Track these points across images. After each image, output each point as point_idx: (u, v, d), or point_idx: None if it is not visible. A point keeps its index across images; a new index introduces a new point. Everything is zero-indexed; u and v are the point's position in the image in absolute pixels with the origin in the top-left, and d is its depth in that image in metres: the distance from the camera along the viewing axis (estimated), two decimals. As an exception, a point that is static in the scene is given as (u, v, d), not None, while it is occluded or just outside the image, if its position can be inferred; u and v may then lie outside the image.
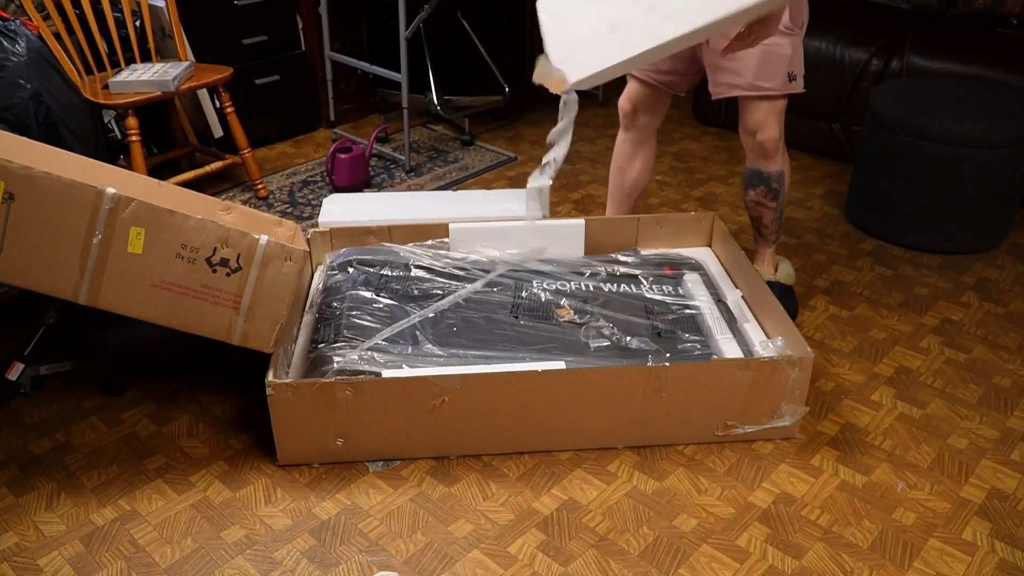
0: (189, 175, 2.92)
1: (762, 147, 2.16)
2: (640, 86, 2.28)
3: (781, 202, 2.27)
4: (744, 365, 1.81)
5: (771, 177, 2.21)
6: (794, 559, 1.63)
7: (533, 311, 2.08)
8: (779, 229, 2.34)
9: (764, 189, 2.23)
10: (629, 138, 2.39)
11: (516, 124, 3.81)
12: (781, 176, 2.22)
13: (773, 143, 2.14)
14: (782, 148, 2.19)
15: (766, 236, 2.34)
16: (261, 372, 1.79)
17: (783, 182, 2.23)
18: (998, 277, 2.60)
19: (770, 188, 2.23)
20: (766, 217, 2.29)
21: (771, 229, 2.32)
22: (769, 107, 2.10)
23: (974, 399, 2.07)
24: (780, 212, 2.29)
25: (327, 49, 3.46)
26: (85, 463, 1.86)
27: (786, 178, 2.23)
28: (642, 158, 2.41)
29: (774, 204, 2.26)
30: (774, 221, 2.31)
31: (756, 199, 2.26)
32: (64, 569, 1.61)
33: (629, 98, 2.32)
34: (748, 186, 2.26)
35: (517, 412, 1.81)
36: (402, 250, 2.26)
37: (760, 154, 2.18)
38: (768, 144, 2.14)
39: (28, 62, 2.28)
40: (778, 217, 2.30)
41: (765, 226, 2.32)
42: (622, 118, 2.37)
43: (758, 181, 2.23)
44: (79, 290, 1.67)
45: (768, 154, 2.17)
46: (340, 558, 1.63)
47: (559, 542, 1.67)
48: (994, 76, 2.97)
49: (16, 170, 1.58)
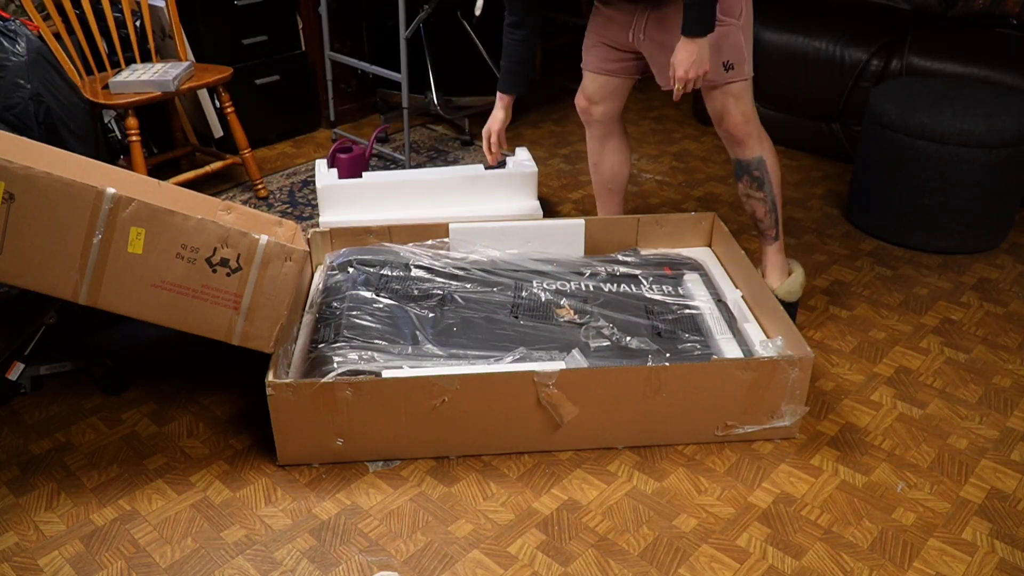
0: (189, 175, 2.92)
1: (729, 134, 2.16)
2: (591, 77, 2.29)
3: (770, 192, 2.22)
4: (744, 365, 1.81)
5: (750, 164, 2.19)
6: (794, 559, 1.63)
7: (533, 311, 2.08)
8: (777, 224, 2.27)
9: (748, 179, 2.22)
10: (593, 134, 2.40)
11: (516, 124, 3.81)
12: (761, 163, 2.19)
13: (739, 127, 2.13)
14: (756, 134, 2.16)
15: (764, 232, 2.30)
16: (261, 372, 1.79)
17: (765, 169, 2.19)
18: (998, 277, 2.60)
19: (752, 177, 2.20)
20: (759, 210, 2.26)
21: (766, 223, 2.28)
22: (722, 94, 2.10)
23: (974, 399, 2.07)
24: (772, 204, 2.24)
25: (327, 49, 3.46)
26: (85, 463, 1.86)
27: (768, 166, 2.19)
28: (611, 149, 2.40)
29: (761, 194, 2.22)
30: (768, 214, 2.26)
31: (744, 191, 2.25)
32: (64, 569, 1.61)
33: (582, 92, 2.34)
34: (736, 179, 2.26)
35: (517, 412, 1.81)
36: (402, 250, 2.26)
37: (731, 141, 2.18)
38: (733, 129, 2.13)
39: (28, 62, 2.28)
40: (771, 209, 2.25)
41: (760, 220, 2.28)
42: (580, 115, 2.38)
43: (741, 171, 2.22)
44: (79, 290, 1.67)
45: (737, 139, 2.16)
46: (340, 558, 1.63)
47: (559, 542, 1.67)
48: (994, 76, 2.97)
49: (16, 170, 1.58)
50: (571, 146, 3.58)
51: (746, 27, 2.08)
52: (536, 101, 4.08)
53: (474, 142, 3.60)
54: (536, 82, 4.34)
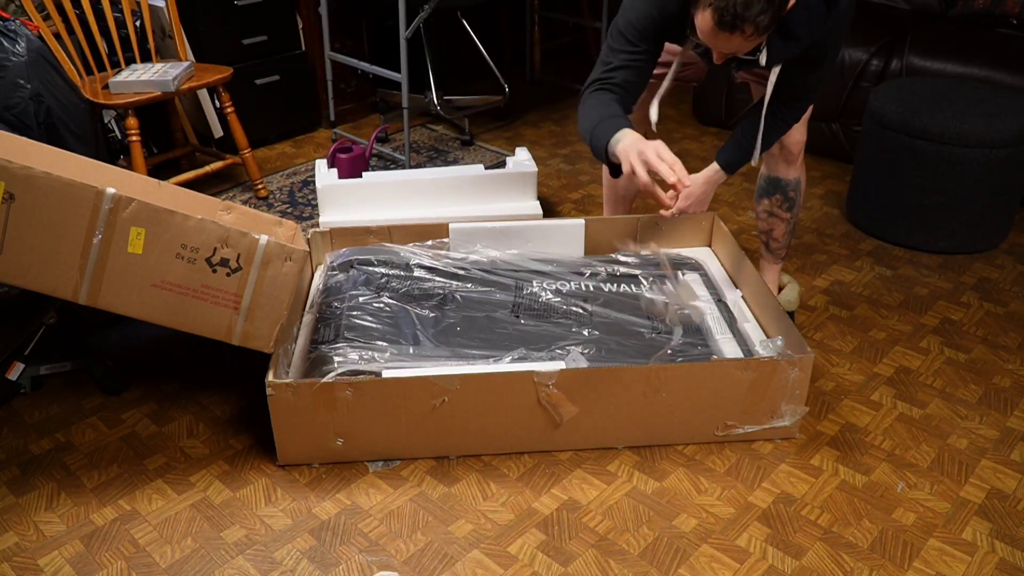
0: (189, 175, 2.92)
1: (788, 151, 2.12)
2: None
3: (795, 215, 2.22)
4: (744, 365, 1.81)
5: (788, 185, 2.17)
6: (794, 559, 1.63)
7: (533, 311, 2.08)
8: (788, 246, 2.27)
9: (780, 198, 2.19)
10: None
11: (516, 124, 3.81)
12: (798, 185, 2.18)
13: (799, 147, 2.10)
14: (803, 157, 2.16)
15: (775, 251, 2.28)
16: (261, 372, 1.79)
17: (799, 192, 2.19)
18: (998, 277, 2.60)
19: (786, 197, 2.19)
20: (777, 230, 2.24)
21: (781, 244, 2.26)
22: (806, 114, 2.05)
23: (974, 399, 2.07)
24: (793, 227, 2.24)
25: (327, 49, 3.46)
26: (85, 463, 1.86)
27: (802, 189, 2.19)
28: None
29: (788, 215, 2.21)
30: (785, 235, 2.24)
31: (770, 209, 2.22)
32: (64, 569, 1.61)
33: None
34: (763, 195, 2.23)
35: (517, 412, 1.81)
36: (402, 250, 2.26)
37: (783, 159, 2.15)
38: (795, 147, 2.10)
39: (28, 62, 2.28)
40: (790, 232, 2.24)
41: (775, 239, 2.26)
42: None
43: (775, 189, 2.19)
44: (79, 290, 1.67)
45: (792, 159, 2.13)
46: (340, 558, 1.63)
47: (559, 542, 1.67)
48: (994, 76, 2.97)
49: (16, 170, 1.58)
50: (571, 146, 3.58)
51: None
52: (536, 101, 4.08)
53: (474, 142, 3.60)
54: (536, 82, 4.35)
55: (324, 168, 2.59)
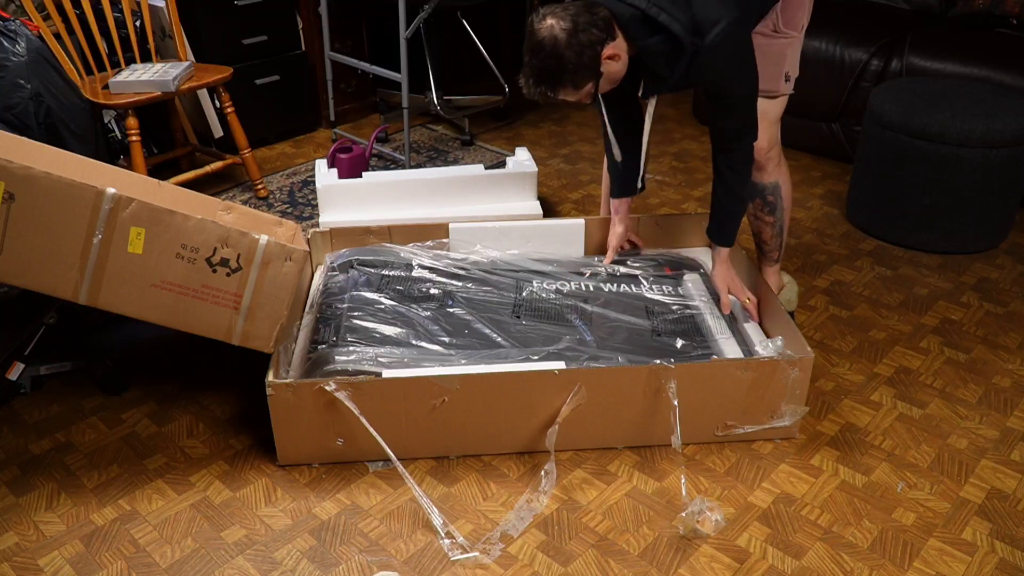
0: (189, 175, 2.92)
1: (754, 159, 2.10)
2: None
3: (780, 217, 2.21)
4: (744, 365, 1.81)
5: (766, 189, 2.17)
6: (794, 559, 1.63)
7: (534, 311, 2.08)
8: (781, 247, 2.28)
9: (760, 202, 2.19)
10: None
11: (516, 124, 3.81)
12: (776, 189, 2.17)
13: (763, 152, 2.09)
14: (776, 159, 2.14)
15: (767, 254, 2.29)
16: (261, 372, 1.79)
17: (779, 195, 2.18)
18: (998, 277, 2.60)
19: (766, 201, 2.19)
20: (765, 232, 2.24)
21: (772, 246, 2.27)
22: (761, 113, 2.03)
23: (974, 399, 2.07)
24: (780, 228, 2.23)
25: (327, 49, 3.46)
26: (85, 463, 1.86)
27: (783, 191, 2.18)
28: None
29: (771, 219, 2.21)
30: (774, 237, 2.25)
31: (753, 212, 2.23)
32: (64, 569, 1.61)
33: None
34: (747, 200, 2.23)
35: (517, 412, 1.81)
36: (402, 250, 2.26)
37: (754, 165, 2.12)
38: (759, 154, 2.08)
39: (28, 62, 2.28)
40: (778, 234, 2.24)
41: (765, 242, 2.26)
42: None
43: (753, 194, 2.19)
44: (79, 290, 1.67)
45: (760, 164, 2.11)
46: (340, 558, 1.63)
47: (559, 542, 1.67)
48: (994, 76, 2.97)
49: (16, 170, 1.58)
50: (571, 146, 3.58)
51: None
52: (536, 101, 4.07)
53: (474, 142, 3.60)
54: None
55: (324, 168, 2.59)
